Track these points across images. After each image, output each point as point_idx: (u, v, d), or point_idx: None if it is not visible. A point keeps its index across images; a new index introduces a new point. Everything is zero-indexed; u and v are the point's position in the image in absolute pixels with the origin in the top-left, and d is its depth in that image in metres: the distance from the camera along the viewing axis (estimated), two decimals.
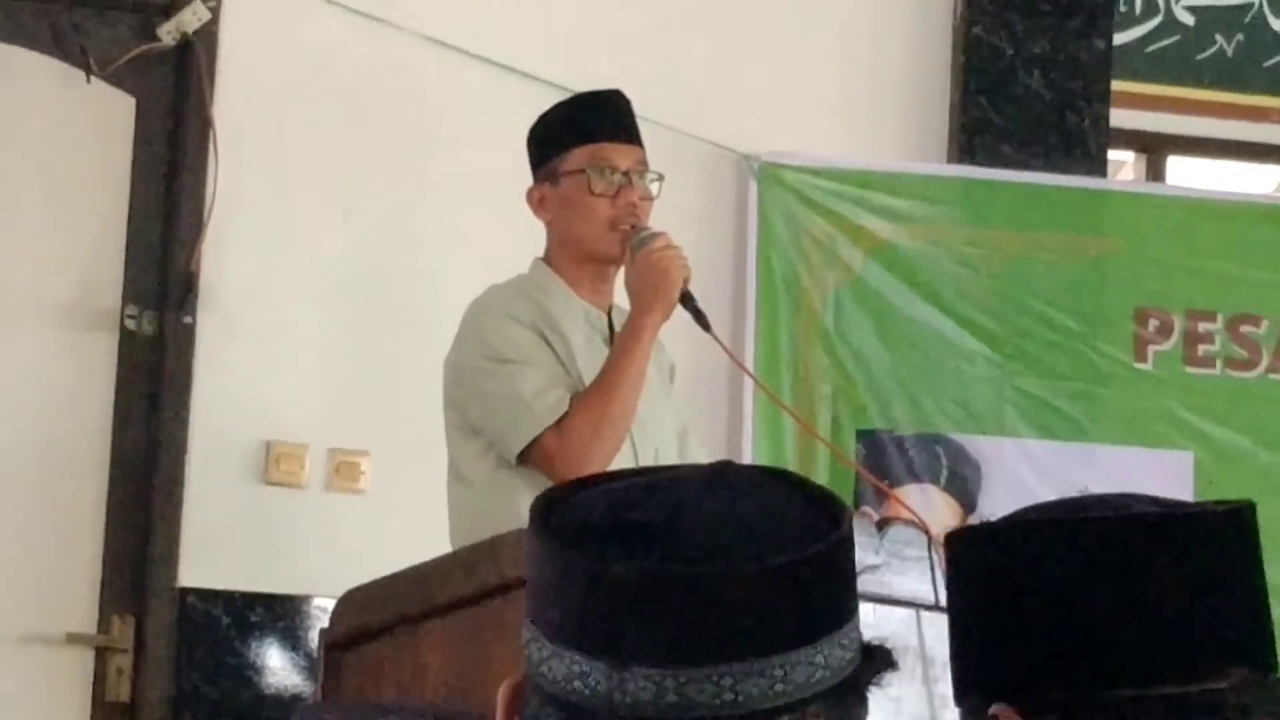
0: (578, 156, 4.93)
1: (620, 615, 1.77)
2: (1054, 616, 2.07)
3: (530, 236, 5.09)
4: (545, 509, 1.85)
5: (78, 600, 6.20)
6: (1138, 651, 2.06)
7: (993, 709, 2.09)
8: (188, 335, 6.26)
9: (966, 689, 2.18)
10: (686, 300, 4.85)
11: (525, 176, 5.06)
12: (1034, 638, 2.09)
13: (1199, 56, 7.17)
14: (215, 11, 6.31)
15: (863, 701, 1.84)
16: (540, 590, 1.84)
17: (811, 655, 1.78)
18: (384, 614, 4.33)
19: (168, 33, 6.25)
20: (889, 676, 1.85)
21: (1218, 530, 2.10)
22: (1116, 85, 6.83)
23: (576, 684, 1.78)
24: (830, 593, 1.81)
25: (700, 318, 4.92)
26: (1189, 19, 7.16)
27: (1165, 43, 7.16)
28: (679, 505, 1.82)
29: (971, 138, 6.69)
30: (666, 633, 1.76)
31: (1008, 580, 2.12)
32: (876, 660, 1.84)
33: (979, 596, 2.16)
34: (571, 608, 1.80)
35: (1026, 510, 2.22)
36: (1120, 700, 2.04)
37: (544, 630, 1.81)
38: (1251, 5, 7.21)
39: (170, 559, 6.20)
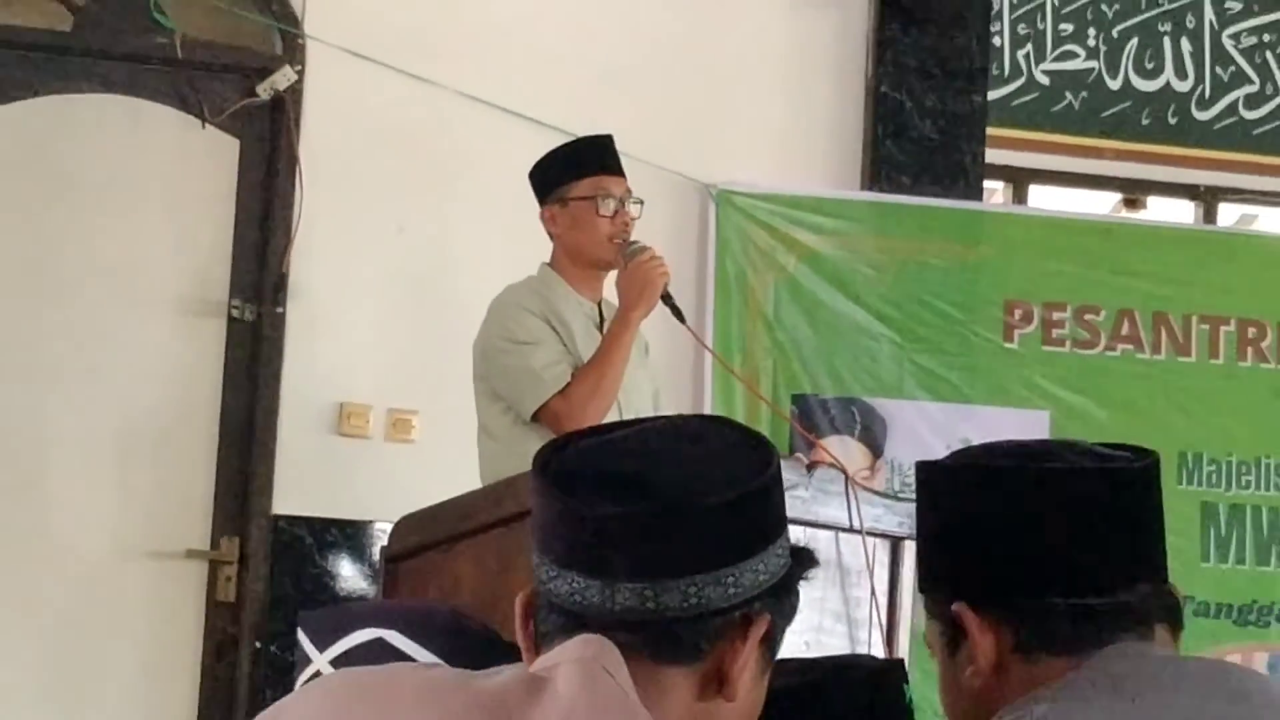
0: (584, 186, 5.01)
1: (607, 545, 1.83)
2: (1011, 540, 2.06)
3: (536, 247, 5.13)
4: (544, 462, 1.90)
5: (195, 525, 6.24)
6: (1070, 570, 2.04)
7: (954, 606, 2.08)
8: (279, 322, 6.29)
9: (930, 585, 2.17)
10: (667, 299, 4.94)
11: (533, 200, 5.11)
12: (992, 555, 2.07)
13: (1053, 108, 7.20)
14: (300, 74, 6.32)
15: (795, 594, 1.93)
16: (543, 526, 1.89)
17: (755, 564, 1.86)
18: (429, 535, 4.28)
19: (264, 89, 6.29)
20: (814, 573, 1.95)
21: (1138, 479, 2.11)
22: (990, 130, 6.87)
23: (577, 598, 1.84)
24: (766, 515, 1.89)
25: (676, 312, 5.02)
26: (1045, 79, 7.18)
27: (1027, 98, 7.17)
28: (646, 454, 1.90)
29: (878, 170, 6.72)
30: (644, 556, 1.83)
31: (975, 509, 2.09)
32: (803, 561, 1.94)
33: (949, 519, 2.13)
34: (570, 540, 1.85)
35: (988, 453, 2.21)
36: (1052, 606, 2.04)
37: (549, 557, 1.87)
38: (1093, 70, 7.20)
39: (266, 492, 6.24)
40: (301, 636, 2.38)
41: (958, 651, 2.10)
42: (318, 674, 2.34)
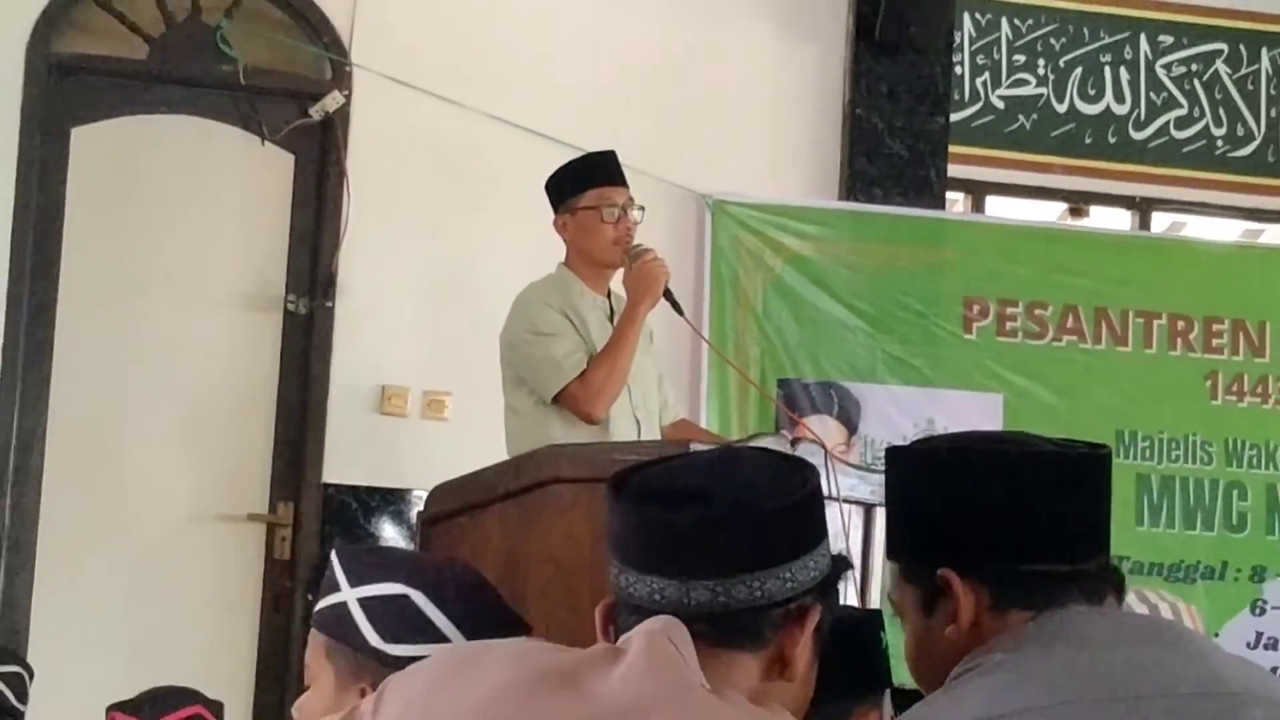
0: (590, 197, 4.97)
1: (682, 548, 1.89)
2: (993, 515, 2.08)
3: (553, 249, 5.10)
4: (619, 483, 1.96)
5: (255, 492, 6.26)
6: (1043, 542, 2.07)
7: (940, 572, 2.09)
8: (328, 315, 6.30)
9: (913, 554, 2.17)
10: (668, 295, 4.91)
11: (549, 207, 5.07)
12: (978, 527, 2.08)
13: (1007, 129, 7.18)
14: (348, 98, 6.32)
15: (837, 590, 2.03)
16: (624, 539, 1.94)
17: (807, 562, 1.94)
18: (460, 501, 4.11)
19: (316, 111, 6.29)
20: (848, 572, 2.05)
21: (1099, 467, 2.15)
22: (951, 148, 6.86)
23: (656, 597, 1.89)
24: (813, 522, 1.97)
25: (677, 307, 4.97)
26: (1000, 104, 7.15)
27: (984, 120, 7.15)
28: (709, 472, 1.97)
29: (854, 183, 6.69)
30: (714, 556, 1.89)
31: (963, 489, 2.10)
32: (840, 564, 2.02)
33: (938, 498, 2.13)
34: (649, 547, 1.91)
35: (970, 438, 2.27)
36: (1025, 572, 2.07)
37: (629, 564, 1.92)
38: (1042, 95, 7.18)
39: (317, 464, 6.24)
40: (336, 565, 2.38)
41: (934, 611, 2.11)
42: (343, 604, 2.33)
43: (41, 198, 6.20)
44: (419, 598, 2.31)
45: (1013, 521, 2.08)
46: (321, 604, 2.38)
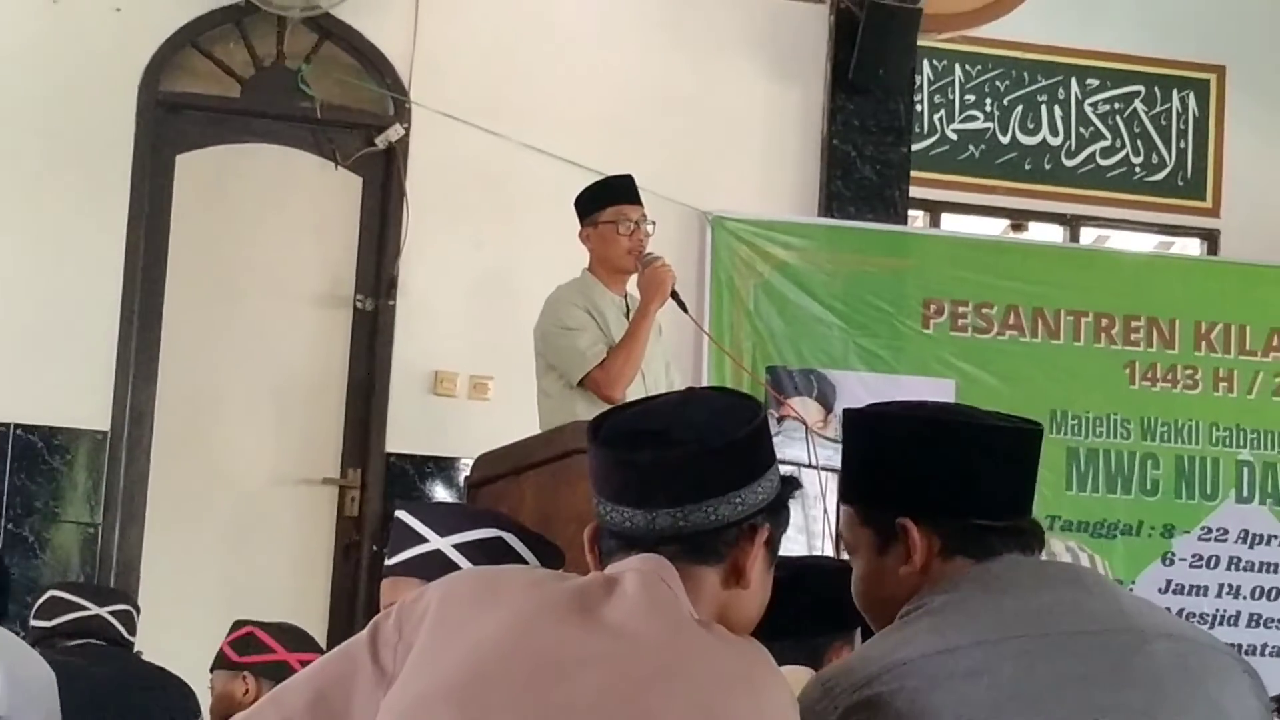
0: (610, 213, 5.00)
1: (646, 483, 1.87)
2: (949, 474, 2.05)
3: (576, 256, 5.13)
4: (596, 427, 1.94)
5: (329, 459, 6.24)
6: (988, 500, 2.06)
7: (899, 519, 2.06)
8: (391, 311, 6.28)
9: (873, 501, 2.11)
10: (675, 296, 4.95)
11: (574, 222, 5.09)
12: (936, 483, 2.05)
13: (959, 157, 7.19)
14: (407, 130, 6.30)
15: (787, 509, 1.97)
16: (599, 474, 1.92)
17: (755, 488, 1.89)
18: (500, 468, 4.34)
19: (380, 141, 6.29)
20: (799, 493, 1.99)
21: (1035, 439, 2.12)
22: (913, 173, 6.83)
23: (627, 524, 1.87)
24: (759, 452, 1.92)
25: (682, 306, 5.06)
26: (954, 136, 7.16)
27: (940, 149, 7.17)
28: (666, 414, 1.94)
29: (831, 202, 6.66)
30: (674, 488, 1.86)
31: (924, 448, 2.07)
32: (790, 484, 1.97)
33: (901, 457, 2.08)
34: (619, 482, 1.89)
35: (925, 407, 2.20)
36: (974, 525, 2.04)
37: (605, 497, 1.90)
38: (989, 129, 7.19)
39: (381, 436, 6.22)
40: (411, 520, 2.37)
41: (887, 552, 2.08)
42: (437, 551, 2.32)
43: (151, 214, 6.20)
44: (510, 538, 2.31)
45: (965, 481, 2.05)
46: (407, 554, 2.36)
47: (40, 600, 4.04)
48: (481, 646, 1.76)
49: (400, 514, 2.41)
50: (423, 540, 2.34)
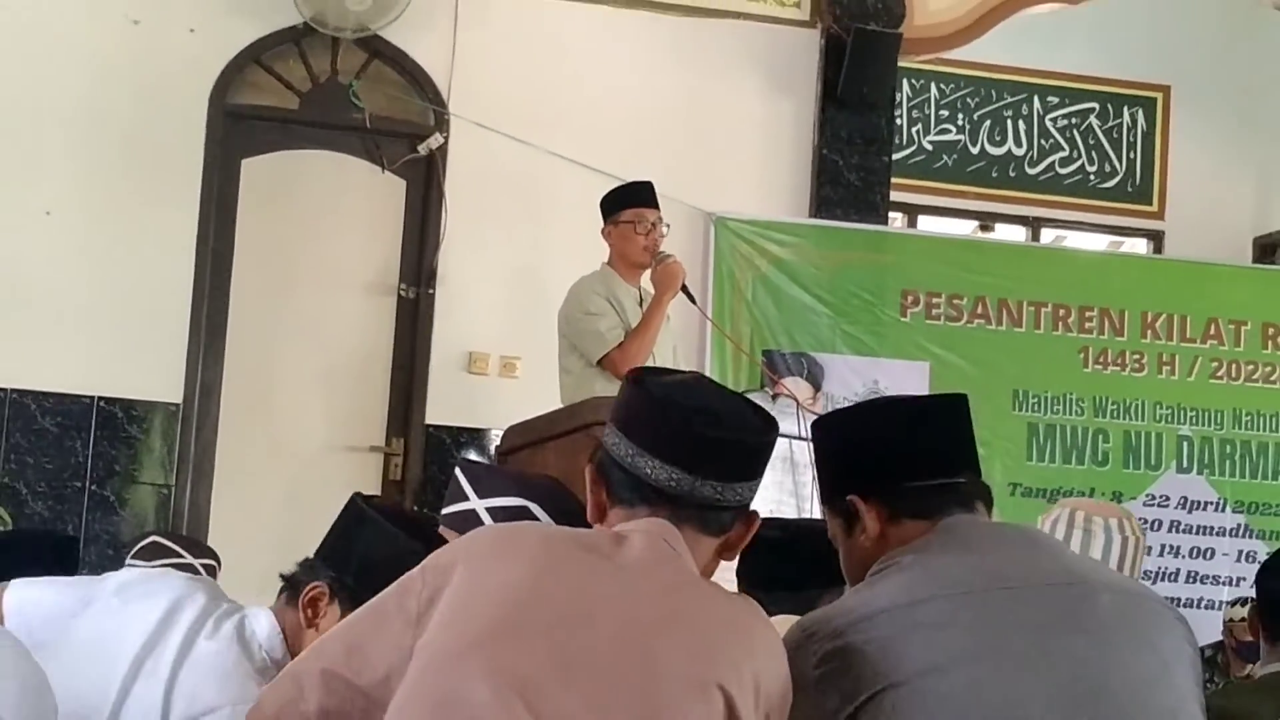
0: (629, 214, 5.01)
1: (708, 456, 1.85)
2: (878, 448, 2.05)
3: (597, 251, 5.12)
4: (640, 380, 1.92)
5: (376, 428, 6.22)
6: (923, 462, 2.05)
7: (848, 498, 2.06)
8: (431, 299, 6.25)
9: (831, 491, 2.12)
10: (684, 289, 4.96)
11: (597, 221, 5.10)
12: (869, 459, 2.06)
13: (934, 166, 7.24)
14: (446, 139, 6.27)
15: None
16: (636, 416, 1.87)
17: (759, 483, 1.93)
18: (527, 438, 4.30)
19: (422, 148, 6.25)
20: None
21: (951, 406, 2.10)
22: (893, 180, 6.76)
23: (671, 483, 1.84)
24: (769, 457, 1.94)
25: (691, 297, 5.07)
26: (930, 146, 7.21)
27: (918, 159, 7.21)
28: (722, 399, 1.91)
29: (820, 205, 6.61)
30: (729, 465, 1.87)
31: (857, 433, 2.09)
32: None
33: (841, 443, 2.11)
34: (682, 446, 1.84)
35: (870, 400, 2.31)
36: (909, 488, 2.04)
37: (648, 450, 1.85)
38: (961, 140, 7.24)
39: (422, 409, 6.19)
40: (462, 478, 2.39)
41: (853, 532, 2.09)
42: (473, 511, 2.34)
43: (219, 211, 6.17)
44: (535, 508, 2.33)
45: (895, 451, 2.05)
46: (451, 509, 2.38)
47: (142, 543, 4.09)
48: (504, 597, 1.74)
49: (458, 470, 2.43)
50: (465, 498, 2.37)
